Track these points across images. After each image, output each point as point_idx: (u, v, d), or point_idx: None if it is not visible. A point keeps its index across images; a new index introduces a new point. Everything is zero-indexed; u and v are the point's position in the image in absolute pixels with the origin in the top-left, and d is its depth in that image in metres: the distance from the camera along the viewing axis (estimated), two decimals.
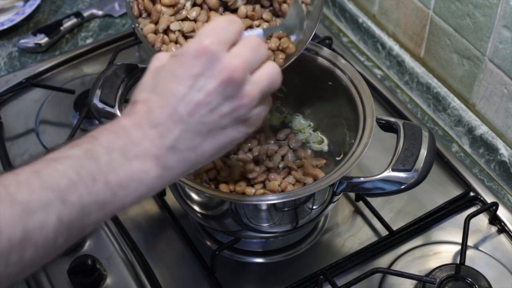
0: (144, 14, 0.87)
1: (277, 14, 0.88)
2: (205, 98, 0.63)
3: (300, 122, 1.02)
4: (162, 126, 0.63)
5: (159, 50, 0.84)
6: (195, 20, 0.85)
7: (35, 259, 0.57)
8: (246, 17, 0.86)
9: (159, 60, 0.67)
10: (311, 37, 0.86)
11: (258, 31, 0.73)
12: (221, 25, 0.65)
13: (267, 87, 0.66)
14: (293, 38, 0.85)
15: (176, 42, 0.85)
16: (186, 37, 0.85)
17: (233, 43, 0.65)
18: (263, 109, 0.68)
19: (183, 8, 0.85)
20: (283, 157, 0.96)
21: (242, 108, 0.65)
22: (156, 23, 0.85)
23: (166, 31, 0.85)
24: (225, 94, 0.63)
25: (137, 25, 0.87)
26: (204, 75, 0.63)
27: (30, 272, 0.59)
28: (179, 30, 0.84)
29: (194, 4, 0.86)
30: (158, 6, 0.85)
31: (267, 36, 0.83)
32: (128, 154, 0.62)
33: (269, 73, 0.66)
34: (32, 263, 0.58)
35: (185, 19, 0.85)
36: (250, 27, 0.86)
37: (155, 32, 0.85)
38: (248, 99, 0.64)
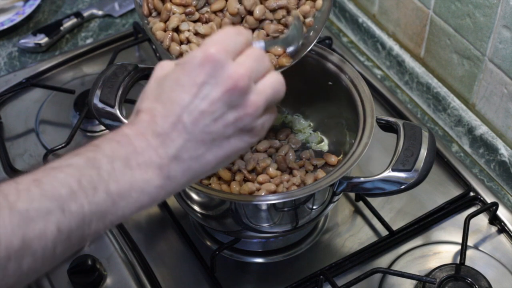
0: (154, 13, 0.87)
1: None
2: (209, 106, 0.63)
3: (300, 122, 1.02)
4: (165, 135, 0.63)
5: (168, 48, 0.85)
6: (206, 22, 0.86)
7: (33, 268, 0.57)
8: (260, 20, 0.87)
9: (162, 68, 0.67)
10: (316, 39, 0.87)
11: (260, 43, 0.73)
12: (228, 35, 0.65)
13: (271, 96, 0.66)
14: (290, 49, 0.85)
15: (188, 41, 0.85)
16: (197, 34, 0.85)
17: (238, 53, 0.65)
18: (268, 118, 0.67)
19: (195, 8, 0.85)
20: (284, 155, 0.96)
21: (246, 118, 0.64)
22: (166, 21, 0.85)
23: (176, 29, 0.85)
24: (230, 103, 0.63)
25: (146, 22, 0.87)
26: (209, 83, 0.62)
27: (28, 282, 0.58)
28: (188, 30, 0.85)
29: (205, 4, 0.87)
30: (168, 5, 0.85)
31: (269, 48, 0.84)
32: (131, 163, 0.61)
33: (273, 83, 0.66)
34: (30, 272, 0.57)
35: (198, 20, 0.86)
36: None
37: (165, 30, 0.85)
38: (252, 108, 0.64)
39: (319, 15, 0.88)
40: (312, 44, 0.87)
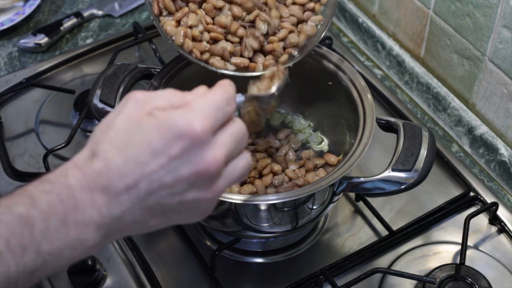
0: (165, 13, 0.87)
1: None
2: (172, 182, 0.59)
3: (300, 122, 1.02)
4: (114, 195, 0.58)
5: (181, 45, 0.84)
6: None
7: None
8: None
9: (137, 106, 0.60)
10: (321, 37, 0.87)
11: (240, 98, 0.69)
12: (218, 105, 0.60)
13: (237, 180, 0.63)
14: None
15: (200, 40, 0.85)
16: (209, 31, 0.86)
17: (222, 125, 0.61)
18: (216, 200, 0.64)
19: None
20: (284, 155, 0.97)
21: (205, 201, 0.61)
22: (179, 21, 0.86)
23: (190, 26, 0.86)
24: (195, 183, 0.59)
25: (157, 21, 0.87)
26: (180, 158, 0.58)
27: None
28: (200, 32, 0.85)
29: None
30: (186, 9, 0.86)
31: (248, 102, 0.79)
32: (68, 221, 0.57)
33: (243, 167, 0.63)
34: None
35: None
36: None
37: (176, 26, 0.86)
38: (215, 193, 0.61)
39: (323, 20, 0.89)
40: (313, 45, 0.87)
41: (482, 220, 1.02)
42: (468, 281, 0.91)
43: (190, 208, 0.62)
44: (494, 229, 1.01)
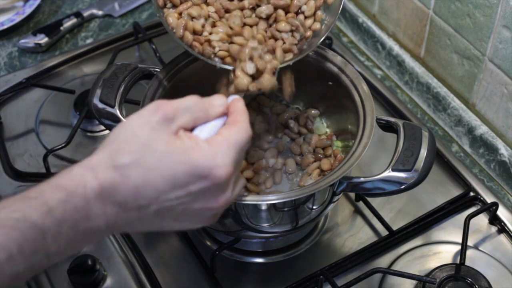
0: (169, 5, 0.87)
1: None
2: (181, 211, 0.63)
3: (318, 126, 1.02)
4: (125, 211, 0.61)
5: (181, 37, 0.84)
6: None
7: None
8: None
9: (165, 124, 0.63)
10: (328, 32, 0.88)
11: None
12: (242, 148, 0.65)
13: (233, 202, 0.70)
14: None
15: (201, 34, 0.85)
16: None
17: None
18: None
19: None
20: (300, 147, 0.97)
21: (207, 217, 0.67)
22: (181, 13, 0.86)
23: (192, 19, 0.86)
24: (200, 215, 0.65)
25: (162, 14, 0.87)
26: (197, 195, 0.62)
27: None
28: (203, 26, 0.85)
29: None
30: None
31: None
32: (78, 228, 0.60)
33: (239, 191, 0.70)
34: None
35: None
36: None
37: (178, 19, 0.85)
38: (215, 219, 0.67)
39: (325, 20, 0.89)
40: (315, 46, 0.87)
41: (482, 220, 1.02)
42: (468, 281, 0.91)
43: (195, 218, 0.66)
44: (494, 229, 1.01)
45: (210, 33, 0.84)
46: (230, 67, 0.83)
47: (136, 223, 0.63)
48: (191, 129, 0.66)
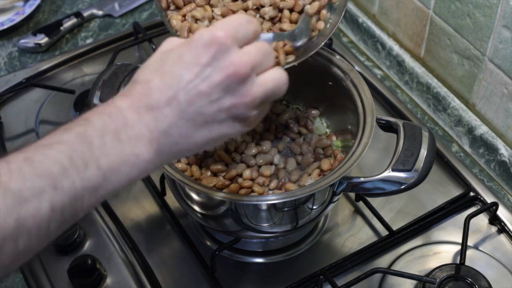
0: (172, 7, 0.87)
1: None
2: (208, 89, 0.63)
3: (318, 127, 1.02)
4: (158, 110, 0.62)
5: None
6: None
7: (28, 247, 0.57)
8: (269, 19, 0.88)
9: (169, 43, 0.67)
10: (333, 31, 0.87)
11: (268, 35, 0.75)
12: (239, 21, 0.65)
13: (271, 91, 0.66)
14: (297, 44, 0.85)
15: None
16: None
17: (246, 42, 0.65)
18: (261, 112, 0.68)
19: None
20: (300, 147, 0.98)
21: (241, 106, 0.64)
22: (185, 15, 0.86)
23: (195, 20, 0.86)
24: (228, 88, 0.63)
25: (164, 15, 0.87)
26: (211, 65, 0.63)
27: (24, 261, 0.58)
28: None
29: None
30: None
31: (277, 40, 0.84)
32: (121, 137, 0.61)
33: (275, 78, 0.66)
34: (26, 251, 0.57)
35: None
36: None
37: (182, 21, 0.86)
38: (250, 98, 0.64)
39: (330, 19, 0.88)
40: (320, 46, 0.87)
41: (482, 220, 1.02)
42: (468, 281, 0.91)
43: (230, 117, 0.65)
44: (494, 229, 1.01)
45: None
46: None
47: (179, 124, 0.63)
48: None
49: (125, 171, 0.62)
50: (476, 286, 0.90)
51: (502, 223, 1.01)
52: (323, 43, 0.87)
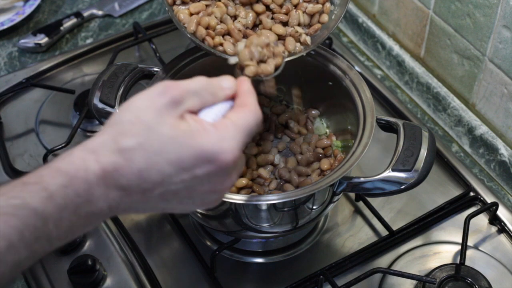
0: (178, 1, 0.87)
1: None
2: (186, 194, 0.61)
3: (318, 127, 1.02)
4: (128, 193, 0.59)
5: (193, 33, 0.84)
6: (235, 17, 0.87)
7: None
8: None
9: (172, 107, 0.60)
10: (337, 24, 0.89)
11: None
12: (250, 131, 0.63)
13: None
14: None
15: (214, 29, 0.85)
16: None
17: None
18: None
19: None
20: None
21: (215, 200, 0.65)
22: (198, 12, 0.86)
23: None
24: (206, 192, 0.63)
25: (172, 11, 0.87)
26: (202, 179, 0.61)
27: None
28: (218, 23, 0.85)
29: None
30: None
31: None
32: (79, 212, 0.58)
33: (242, 167, 0.67)
34: None
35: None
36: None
37: (190, 15, 0.86)
38: (227, 187, 0.65)
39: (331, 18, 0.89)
40: (324, 38, 0.87)
41: (482, 220, 1.02)
42: (468, 281, 0.91)
43: (195, 202, 0.64)
44: (494, 229, 1.01)
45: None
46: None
47: (140, 206, 0.61)
48: (197, 111, 0.64)
49: (70, 238, 0.60)
50: (476, 286, 0.90)
51: (502, 223, 1.01)
52: (327, 36, 0.87)
